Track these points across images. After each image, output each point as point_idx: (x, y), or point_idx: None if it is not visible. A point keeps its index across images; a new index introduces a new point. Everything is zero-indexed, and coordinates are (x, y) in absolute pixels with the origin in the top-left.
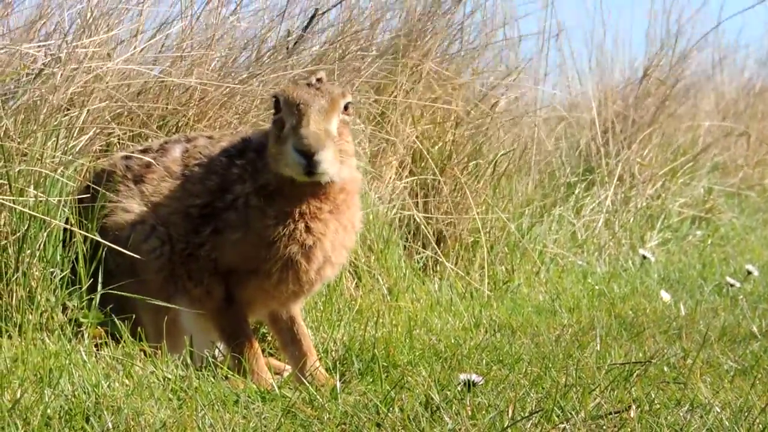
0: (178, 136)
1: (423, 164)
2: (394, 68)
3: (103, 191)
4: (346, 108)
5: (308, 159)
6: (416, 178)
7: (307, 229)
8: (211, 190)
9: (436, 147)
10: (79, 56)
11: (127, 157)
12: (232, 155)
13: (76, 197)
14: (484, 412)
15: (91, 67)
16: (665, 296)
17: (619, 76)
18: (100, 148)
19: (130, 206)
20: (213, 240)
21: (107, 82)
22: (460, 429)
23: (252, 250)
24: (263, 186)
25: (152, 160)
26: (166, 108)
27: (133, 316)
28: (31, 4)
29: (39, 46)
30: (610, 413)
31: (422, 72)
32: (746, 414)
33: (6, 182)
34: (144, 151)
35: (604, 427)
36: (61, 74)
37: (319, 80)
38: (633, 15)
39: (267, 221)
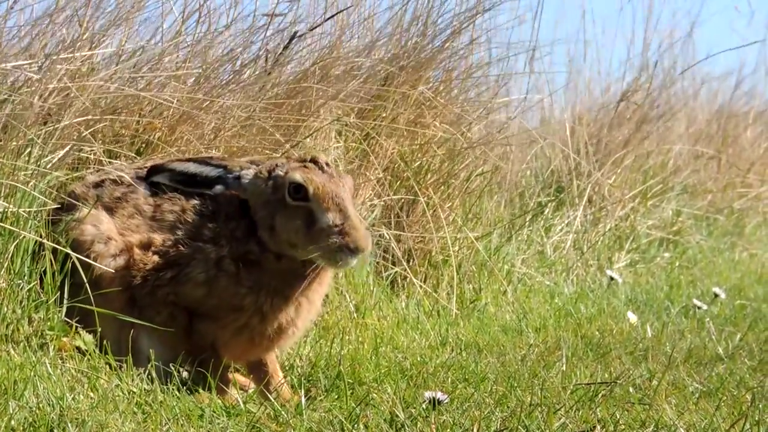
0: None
1: (398, 184)
2: (383, 93)
3: (74, 209)
4: None
5: (357, 256)
6: (389, 197)
7: (273, 303)
8: (180, 239)
9: (412, 168)
10: (58, 72)
11: (98, 185)
12: (203, 214)
13: (48, 211)
14: (449, 430)
15: (67, 84)
16: (632, 317)
17: (592, 99)
18: (73, 163)
19: (101, 222)
20: (173, 286)
21: (85, 96)
22: None
23: (212, 306)
24: (244, 254)
25: (122, 195)
26: (138, 123)
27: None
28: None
29: (21, 66)
30: None
31: (411, 98)
32: None
33: None
34: (116, 183)
35: None
36: (39, 93)
37: (327, 165)
38: (612, 40)
39: (239, 289)
